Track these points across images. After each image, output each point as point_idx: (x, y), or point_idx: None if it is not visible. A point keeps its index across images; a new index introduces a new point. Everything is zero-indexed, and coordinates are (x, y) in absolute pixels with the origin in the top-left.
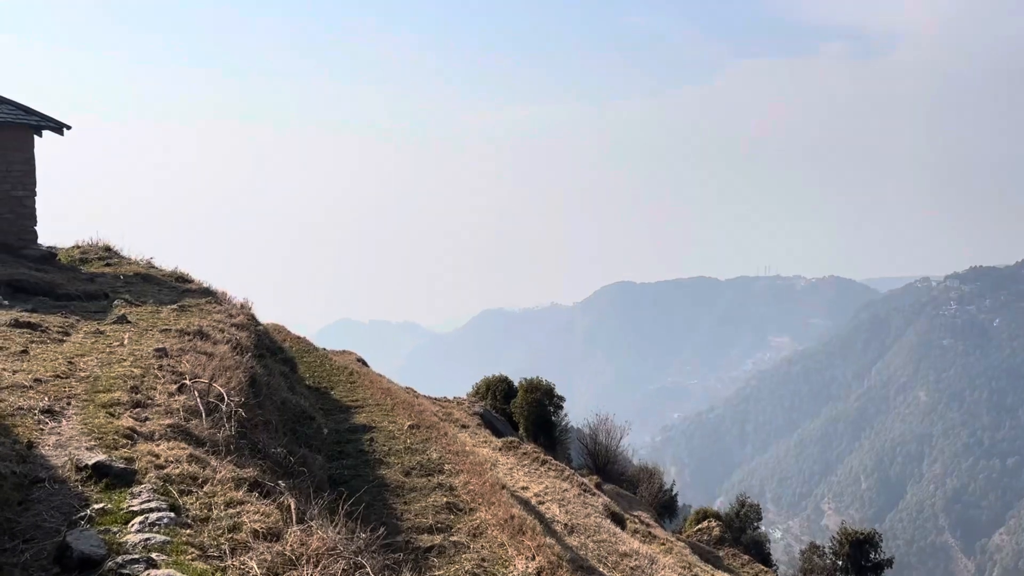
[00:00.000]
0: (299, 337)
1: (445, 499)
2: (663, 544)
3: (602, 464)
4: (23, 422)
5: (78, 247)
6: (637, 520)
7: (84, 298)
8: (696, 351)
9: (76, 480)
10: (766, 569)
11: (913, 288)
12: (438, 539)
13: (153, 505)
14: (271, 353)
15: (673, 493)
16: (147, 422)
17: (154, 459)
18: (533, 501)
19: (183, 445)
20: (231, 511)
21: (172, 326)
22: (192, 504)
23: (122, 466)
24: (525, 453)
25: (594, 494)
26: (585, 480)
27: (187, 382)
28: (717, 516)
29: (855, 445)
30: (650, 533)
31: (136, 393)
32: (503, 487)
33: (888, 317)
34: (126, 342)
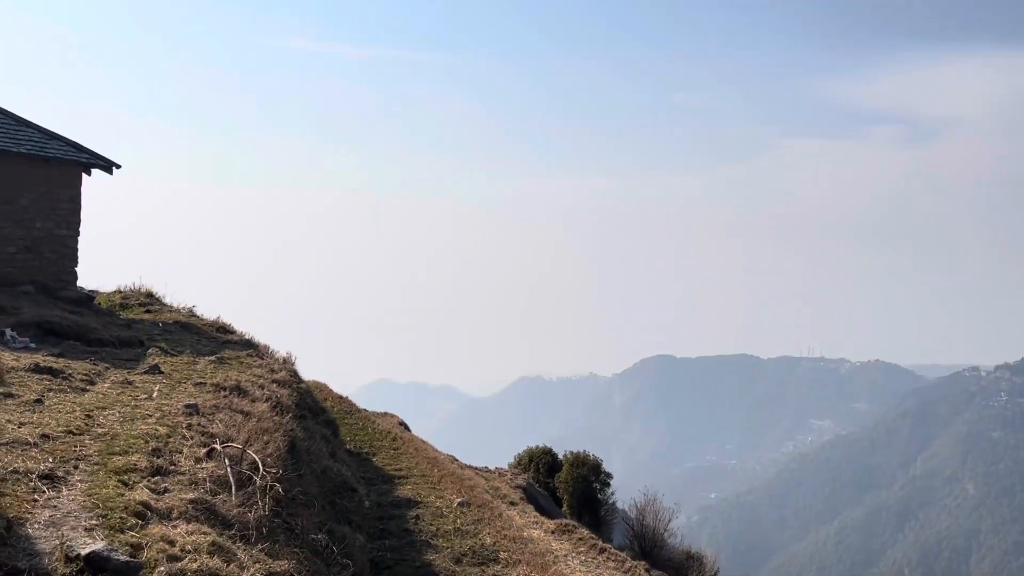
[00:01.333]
0: (341, 397)
1: None
2: None
3: (648, 548)
4: (14, 490)
5: (119, 292)
6: None
7: (117, 345)
8: (735, 430)
9: (64, 574)
10: None
11: (961, 377)
12: None
13: None
14: (313, 414)
15: None
16: (165, 495)
17: (167, 547)
18: None
19: (205, 529)
20: None
21: (207, 379)
22: None
23: (123, 559)
24: (581, 539)
25: None
26: (643, 572)
27: (217, 447)
28: None
29: (899, 536)
30: None
31: (157, 457)
32: None
33: (935, 405)
34: (155, 395)
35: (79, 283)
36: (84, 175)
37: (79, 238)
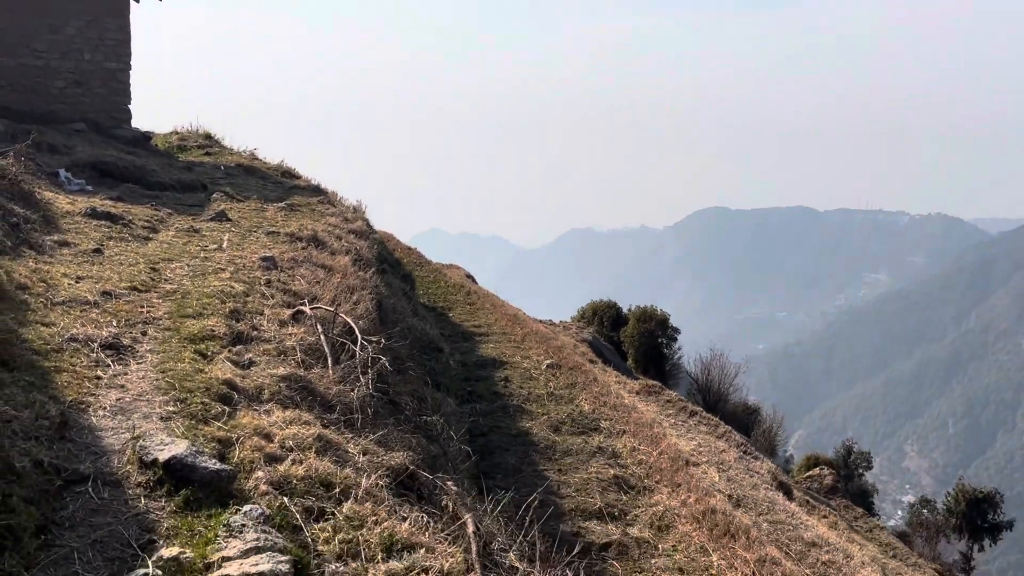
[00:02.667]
0: (409, 248)
1: (612, 471)
2: (824, 517)
3: (713, 402)
4: (73, 363)
5: (176, 132)
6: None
7: (179, 188)
8: (787, 282)
9: (139, 483)
10: (882, 526)
11: None
12: (615, 532)
13: (265, 564)
14: (391, 267)
15: (775, 433)
16: (251, 370)
17: (263, 444)
18: None
19: (305, 416)
20: (394, 566)
21: (280, 228)
22: (329, 550)
23: (212, 467)
24: (669, 401)
25: (756, 458)
26: (742, 439)
27: (305, 308)
28: (829, 463)
29: (946, 389)
30: (807, 501)
31: (236, 320)
32: (687, 462)
33: (996, 260)
34: (225, 245)
35: (133, 122)
36: (132, 2)
37: (131, 72)
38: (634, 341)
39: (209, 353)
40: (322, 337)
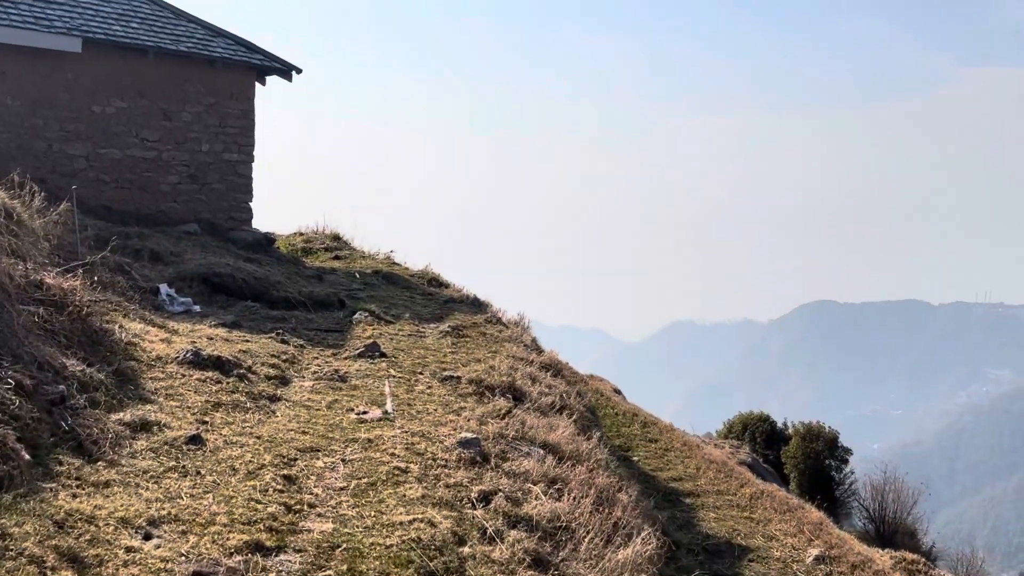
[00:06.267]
0: (558, 361)
1: None
2: None
3: (889, 535)
4: None
5: (300, 234)
6: None
7: (310, 306)
8: (902, 379)
9: None
10: None
11: None
12: None
13: None
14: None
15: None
16: None
17: None
18: None
19: None
20: None
21: (454, 370)
22: None
23: None
24: None
25: None
26: None
27: None
28: None
29: None
30: None
31: None
32: None
33: None
34: (390, 408)
35: (253, 223)
36: (257, 84)
37: (253, 164)
38: (798, 463)
39: None
40: None
